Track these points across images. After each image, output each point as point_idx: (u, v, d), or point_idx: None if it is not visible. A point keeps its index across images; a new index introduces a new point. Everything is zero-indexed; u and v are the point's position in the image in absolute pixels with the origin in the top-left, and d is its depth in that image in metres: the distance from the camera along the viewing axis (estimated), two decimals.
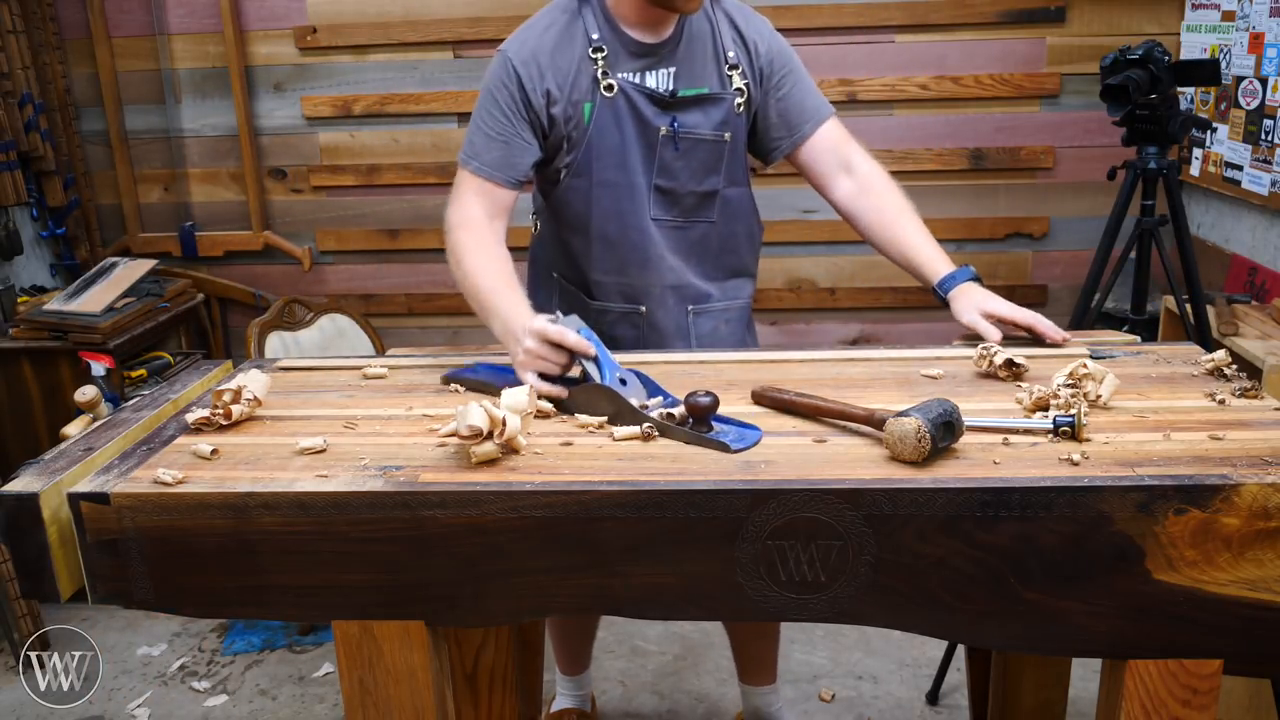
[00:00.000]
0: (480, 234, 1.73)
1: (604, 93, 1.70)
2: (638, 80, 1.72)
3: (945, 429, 1.21)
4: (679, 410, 1.35)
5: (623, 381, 1.44)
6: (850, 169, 1.84)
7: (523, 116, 1.72)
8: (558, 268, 1.90)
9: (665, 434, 1.35)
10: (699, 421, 1.32)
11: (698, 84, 1.75)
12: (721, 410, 1.34)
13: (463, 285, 1.69)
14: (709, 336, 1.86)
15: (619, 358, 1.51)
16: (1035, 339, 1.67)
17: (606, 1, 1.72)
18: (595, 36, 1.71)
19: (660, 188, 1.76)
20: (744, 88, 1.77)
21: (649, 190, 1.76)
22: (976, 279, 1.72)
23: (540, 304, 1.85)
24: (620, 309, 1.83)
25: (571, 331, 1.47)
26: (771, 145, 1.85)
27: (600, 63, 1.70)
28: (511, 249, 1.80)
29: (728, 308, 1.88)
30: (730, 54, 1.77)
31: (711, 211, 1.82)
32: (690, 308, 1.84)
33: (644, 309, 1.82)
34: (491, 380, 1.55)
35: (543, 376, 1.49)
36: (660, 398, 1.45)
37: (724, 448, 1.28)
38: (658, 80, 1.74)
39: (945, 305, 1.73)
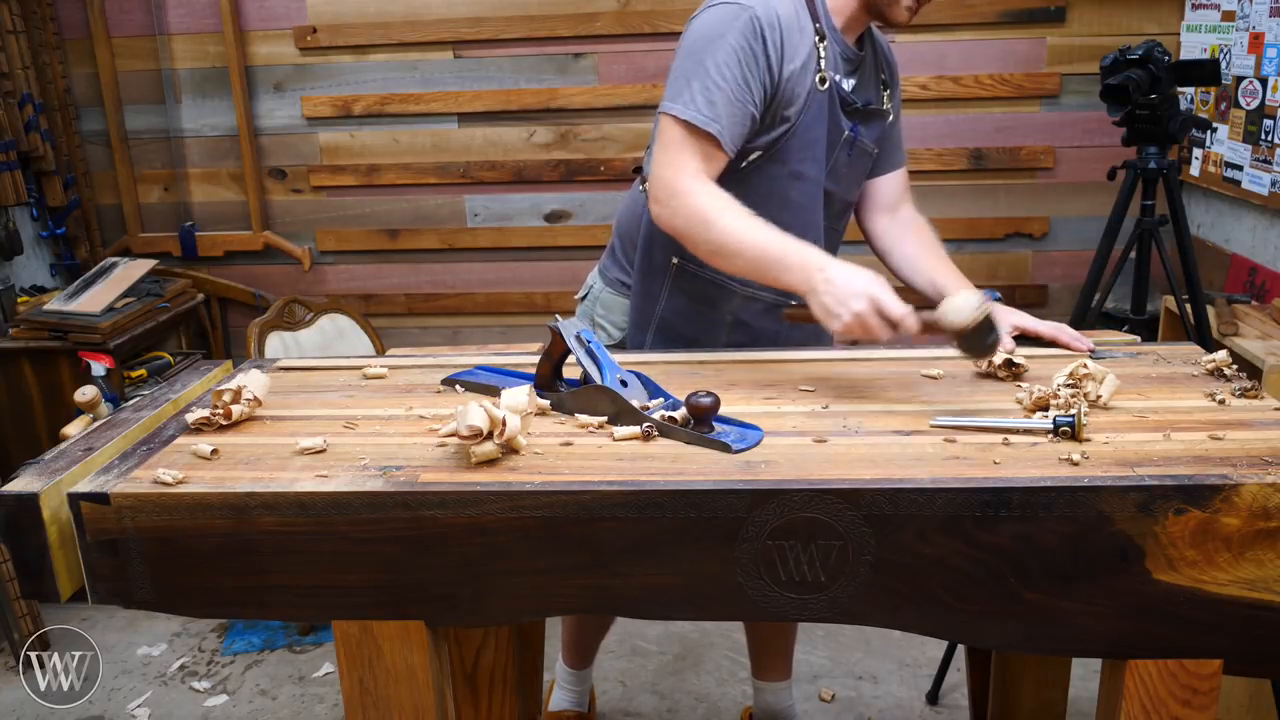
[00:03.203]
0: (722, 192, 1.58)
1: (818, 85, 1.67)
2: (838, 81, 1.71)
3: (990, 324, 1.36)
4: (680, 412, 1.35)
5: (623, 383, 1.44)
6: (897, 210, 1.91)
7: (761, 82, 1.59)
8: (690, 253, 1.74)
9: (666, 434, 1.35)
10: (700, 422, 1.32)
11: (867, 98, 1.77)
12: (723, 410, 1.34)
13: (725, 244, 1.54)
14: (826, 339, 1.88)
15: (620, 358, 1.51)
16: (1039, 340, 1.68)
17: (828, 1, 1.70)
18: (818, 25, 1.67)
19: (827, 190, 1.76)
20: (888, 108, 1.82)
21: (822, 190, 1.76)
22: (998, 300, 1.74)
23: (650, 290, 1.83)
24: (771, 300, 1.78)
25: (902, 307, 1.41)
26: (875, 165, 1.88)
27: (822, 54, 1.67)
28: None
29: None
30: (883, 76, 1.82)
31: (842, 220, 1.85)
32: None
33: (795, 301, 1.80)
34: (491, 382, 1.56)
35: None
36: (661, 399, 1.45)
37: (725, 448, 1.28)
38: (849, 87, 1.74)
39: None
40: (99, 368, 2.87)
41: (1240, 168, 2.79)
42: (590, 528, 1.20)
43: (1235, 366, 1.51)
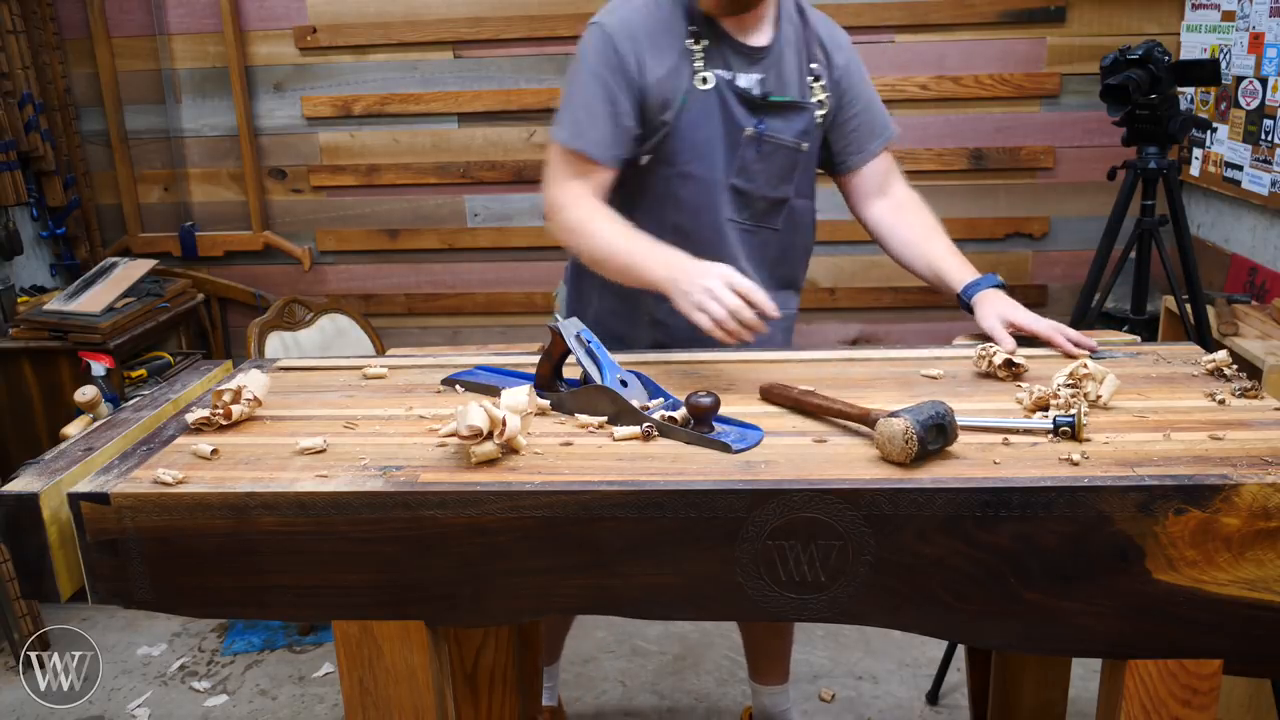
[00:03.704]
0: (595, 203, 1.68)
1: (699, 85, 1.69)
2: (730, 78, 1.72)
3: (936, 432, 1.21)
4: (680, 412, 1.35)
5: (623, 383, 1.44)
6: (887, 191, 1.89)
7: (625, 91, 1.67)
8: None
9: (666, 434, 1.35)
10: (700, 422, 1.32)
11: (782, 91, 1.75)
12: (722, 410, 1.34)
13: (597, 251, 1.65)
14: (766, 341, 1.83)
15: (620, 358, 1.51)
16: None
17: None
18: (694, 28, 1.69)
19: (736, 188, 1.76)
20: (824, 100, 1.80)
21: (725, 189, 1.75)
22: (1001, 286, 1.73)
23: (583, 294, 1.86)
24: None
25: (742, 280, 1.47)
26: (839, 160, 1.87)
27: (699, 54, 1.69)
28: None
29: (784, 317, 1.88)
30: (814, 65, 1.79)
31: (778, 219, 1.83)
32: None
33: None
34: (491, 382, 1.56)
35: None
36: (661, 399, 1.45)
37: (725, 448, 1.28)
38: (747, 83, 1.73)
39: (970, 312, 1.73)
40: (99, 368, 2.87)
41: (1240, 168, 2.79)
42: (590, 528, 1.20)
43: (1235, 366, 1.51)
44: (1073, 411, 1.29)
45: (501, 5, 3.26)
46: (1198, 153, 3.04)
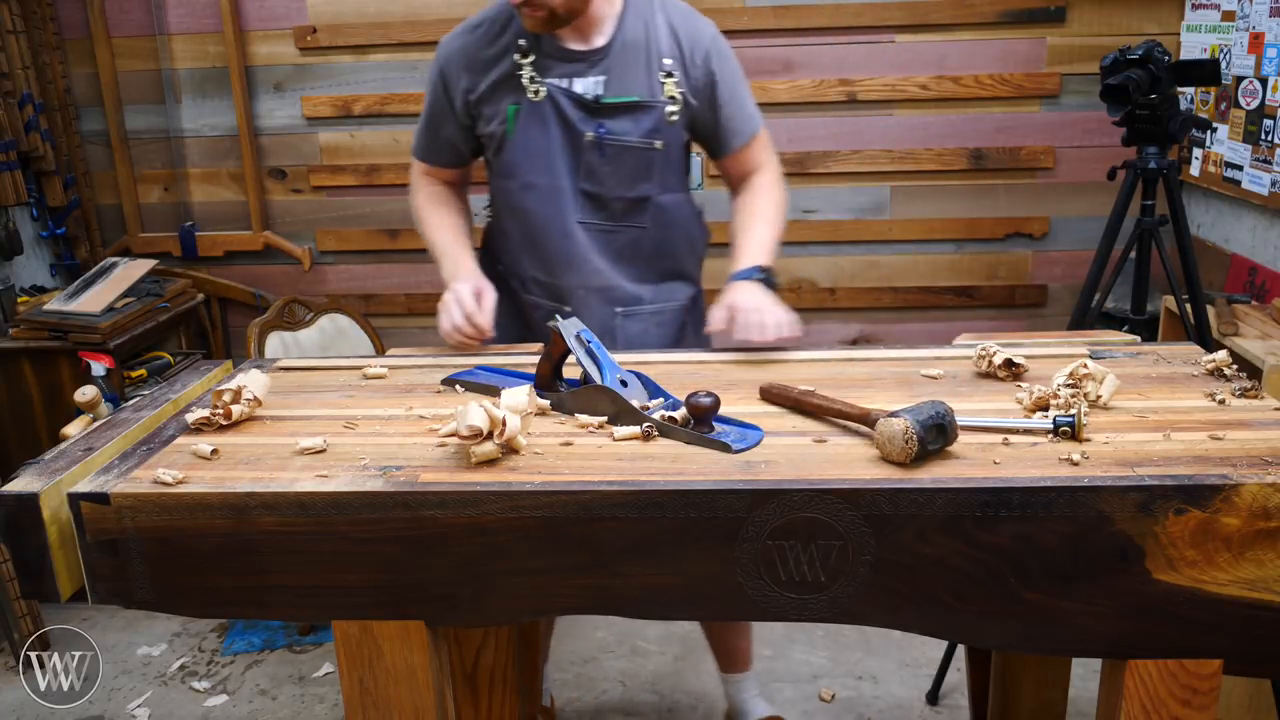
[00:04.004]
0: (436, 193, 1.94)
1: (530, 96, 1.73)
2: (565, 85, 1.74)
3: (936, 431, 1.21)
4: (680, 412, 1.35)
5: (623, 383, 1.44)
6: (750, 179, 1.91)
7: (445, 111, 1.84)
8: (503, 260, 1.93)
9: (666, 434, 1.35)
10: (700, 422, 1.32)
11: (627, 91, 1.76)
12: (722, 410, 1.34)
13: (423, 237, 1.93)
14: (637, 338, 1.88)
15: (620, 358, 1.51)
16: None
17: None
18: (523, 42, 1.73)
19: (586, 192, 1.79)
20: (679, 96, 1.79)
21: (574, 194, 1.78)
22: (764, 280, 1.71)
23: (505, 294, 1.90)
24: (548, 305, 1.85)
25: (470, 300, 1.69)
26: (711, 149, 1.91)
27: (527, 66, 1.73)
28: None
29: (660, 310, 1.90)
30: (666, 61, 1.78)
31: (643, 217, 1.84)
32: (618, 310, 1.86)
33: (568, 308, 1.83)
34: (491, 383, 1.56)
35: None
36: (661, 399, 1.45)
37: (725, 448, 1.28)
38: (586, 86, 1.75)
39: None
40: (99, 368, 2.87)
41: (1240, 168, 2.79)
42: (590, 528, 1.20)
43: (1235, 366, 1.51)
44: (1073, 411, 1.29)
45: None
46: (1198, 153, 3.04)
